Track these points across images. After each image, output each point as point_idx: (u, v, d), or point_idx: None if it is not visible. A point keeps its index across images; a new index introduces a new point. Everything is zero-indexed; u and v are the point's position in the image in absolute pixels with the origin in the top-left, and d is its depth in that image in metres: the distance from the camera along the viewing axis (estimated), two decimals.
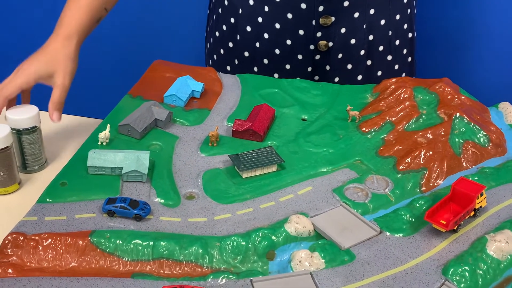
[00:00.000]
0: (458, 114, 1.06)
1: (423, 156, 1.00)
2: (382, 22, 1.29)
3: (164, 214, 0.89)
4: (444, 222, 0.86)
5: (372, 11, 1.27)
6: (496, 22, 1.69)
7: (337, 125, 1.11)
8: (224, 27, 1.36)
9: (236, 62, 1.37)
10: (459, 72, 1.78)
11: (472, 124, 1.05)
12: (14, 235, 0.82)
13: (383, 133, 1.07)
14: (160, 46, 2.00)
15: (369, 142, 1.06)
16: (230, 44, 1.36)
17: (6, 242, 0.82)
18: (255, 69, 1.34)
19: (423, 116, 1.10)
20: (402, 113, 1.10)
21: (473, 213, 0.90)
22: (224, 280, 0.79)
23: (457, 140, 1.03)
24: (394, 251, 0.84)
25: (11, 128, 1.03)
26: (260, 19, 1.28)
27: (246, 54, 1.34)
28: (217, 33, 1.39)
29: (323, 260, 0.82)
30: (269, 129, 1.10)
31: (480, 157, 1.03)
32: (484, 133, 1.05)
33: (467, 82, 1.65)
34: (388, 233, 0.87)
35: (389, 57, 1.34)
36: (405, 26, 1.34)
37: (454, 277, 0.79)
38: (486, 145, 1.04)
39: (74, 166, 0.97)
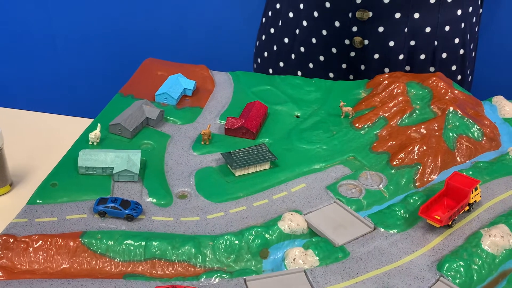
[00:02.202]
0: (451, 109, 1.06)
1: (416, 151, 0.99)
2: (428, 29, 1.22)
3: (156, 213, 0.88)
4: (439, 218, 0.85)
5: (416, 15, 1.20)
6: (491, 17, 1.68)
7: (330, 122, 1.10)
8: (270, 13, 1.37)
9: (275, 48, 1.36)
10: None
11: (466, 118, 1.05)
12: (4, 237, 0.81)
13: (376, 129, 1.07)
14: (152, 44, 1.99)
15: (363, 138, 1.05)
16: (272, 30, 1.35)
17: None
18: (292, 56, 1.33)
19: (417, 111, 1.09)
20: (395, 108, 1.09)
21: (467, 208, 0.89)
22: (217, 280, 0.79)
23: (451, 134, 1.03)
24: (388, 248, 0.83)
25: None
26: (301, 6, 1.27)
27: (286, 40, 1.33)
28: (263, 19, 1.40)
29: (317, 258, 0.81)
30: (262, 126, 1.09)
31: (474, 151, 1.02)
32: (478, 127, 1.04)
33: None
34: (382, 229, 0.86)
35: (432, 69, 1.27)
36: (456, 40, 1.26)
37: (449, 273, 0.79)
38: (480, 139, 1.04)
39: (65, 167, 0.96)
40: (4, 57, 2.10)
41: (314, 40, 1.28)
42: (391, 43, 1.23)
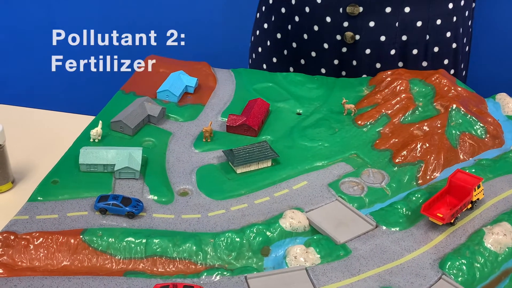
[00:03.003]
0: (454, 106, 1.05)
1: (419, 149, 0.98)
2: (419, 23, 1.22)
3: (157, 211, 0.88)
4: (441, 215, 0.85)
5: (407, 9, 1.20)
6: (493, 15, 1.67)
7: (332, 119, 1.09)
8: (263, 8, 1.37)
9: (268, 43, 1.37)
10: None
11: (469, 115, 1.04)
12: (4, 235, 0.81)
13: (379, 126, 1.06)
14: (154, 41, 1.98)
15: (365, 135, 1.05)
16: (265, 26, 1.36)
17: None
18: (285, 51, 1.33)
19: (419, 108, 1.08)
20: (398, 105, 1.09)
21: (470, 205, 0.88)
22: (218, 277, 0.78)
23: (453, 132, 1.02)
24: (390, 245, 0.83)
25: None
26: (293, 1, 1.27)
27: (279, 35, 1.33)
28: (257, 15, 1.41)
29: (319, 255, 0.81)
30: (264, 123, 1.09)
31: (477, 149, 1.02)
32: (481, 124, 1.03)
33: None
34: (384, 227, 0.86)
35: (425, 63, 1.27)
36: (448, 34, 1.26)
37: (451, 271, 0.78)
38: (483, 136, 1.03)
39: (66, 164, 0.96)
40: (5, 54, 2.10)
41: (306, 36, 1.28)
42: (383, 38, 1.23)
